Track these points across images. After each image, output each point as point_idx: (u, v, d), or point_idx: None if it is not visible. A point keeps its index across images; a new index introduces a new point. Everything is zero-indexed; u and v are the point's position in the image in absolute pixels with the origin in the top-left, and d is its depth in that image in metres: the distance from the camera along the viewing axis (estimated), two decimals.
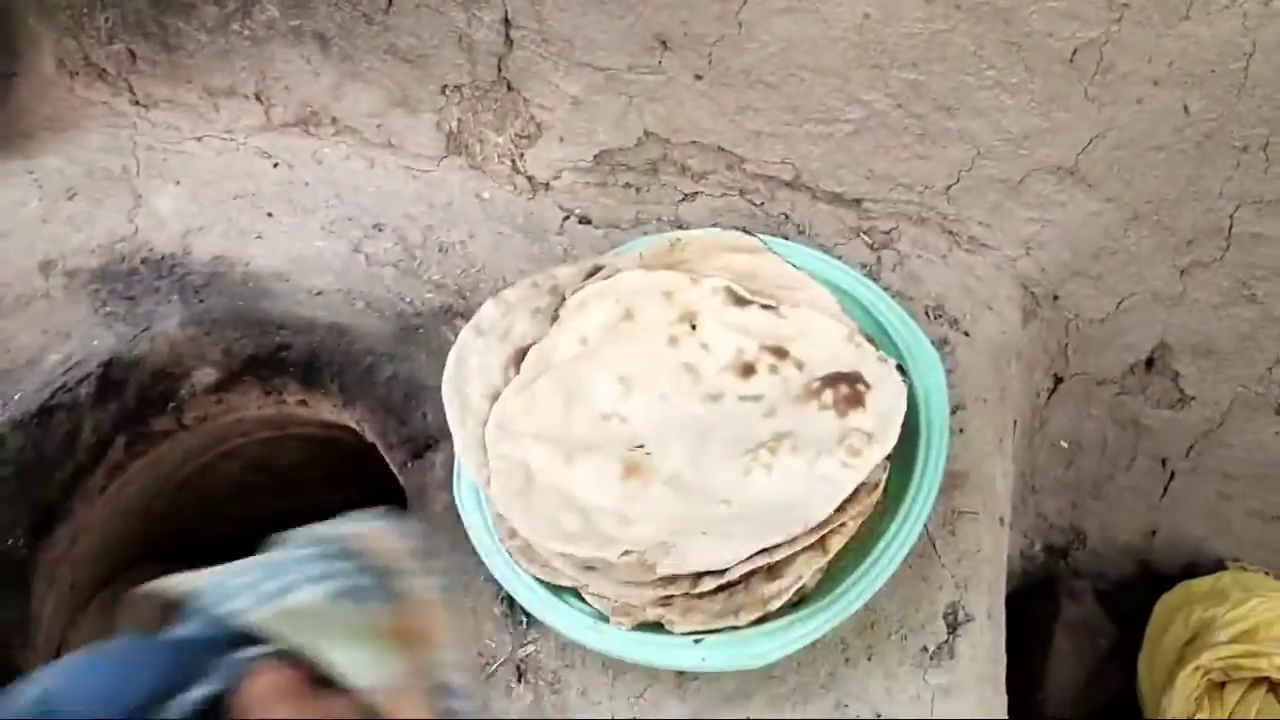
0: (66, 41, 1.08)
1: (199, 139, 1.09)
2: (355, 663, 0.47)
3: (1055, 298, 0.92)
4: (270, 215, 1.03)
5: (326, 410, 0.97)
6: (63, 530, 0.93)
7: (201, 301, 0.97)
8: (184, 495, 1.13)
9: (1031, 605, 1.15)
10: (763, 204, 0.94)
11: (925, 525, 0.73)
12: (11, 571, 0.87)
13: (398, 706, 0.49)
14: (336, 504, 1.24)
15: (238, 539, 1.23)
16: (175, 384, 0.97)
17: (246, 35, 0.99)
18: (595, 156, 0.96)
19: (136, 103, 1.10)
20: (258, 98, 1.05)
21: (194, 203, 1.05)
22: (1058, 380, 0.99)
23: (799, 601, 0.70)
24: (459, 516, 0.78)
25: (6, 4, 1.07)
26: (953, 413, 0.78)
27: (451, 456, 0.81)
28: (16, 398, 0.92)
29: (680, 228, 0.94)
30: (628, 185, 0.97)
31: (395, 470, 0.90)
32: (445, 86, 0.96)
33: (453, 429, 0.78)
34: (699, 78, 0.87)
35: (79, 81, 1.11)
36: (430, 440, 0.86)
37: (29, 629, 0.88)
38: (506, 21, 0.88)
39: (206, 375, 0.97)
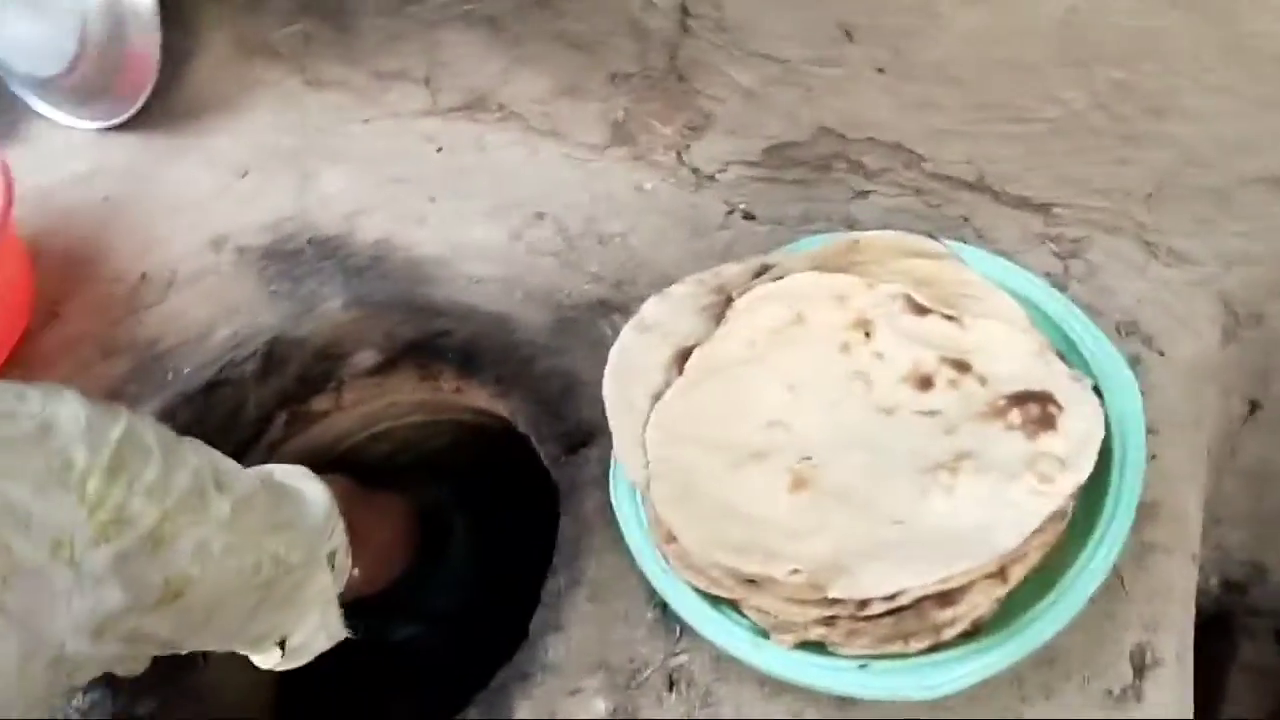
0: (244, 22, 1.11)
1: (366, 121, 1.10)
2: None
3: (1259, 318, 0.85)
4: (433, 200, 1.03)
5: (481, 399, 0.97)
6: None
7: (364, 283, 0.98)
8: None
9: (1205, 644, 1.07)
10: (940, 205, 0.89)
11: (1115, 560, 0.67)
12: None
13: None
14: (481, 491, 1.26)
15: None
16: (335, 364, 0.98)
17: (419, 19, 0.99)
18: (764, 150, 0.93)
19: (308, 84, 1.12)
20: (425, 81, 1.05)
21: (359, 184, 1.06)
22: (1254, 406, 0.92)
23: (973, 631, 0.66)
24: (613, 516, 0.76)
25: None
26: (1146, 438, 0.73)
27: (606, 454, 0.80)
28: (186, 371, 0.95)
29: (850, 227, 0.90)
30: (796, 181, 0.93)
31: (547, 464, 0.89)
32: (614, 75, 0.94)
33: (612, 428, 0.76)
34: (881, 71, 0.83)
35: (254, 62, 1.14)
36: (585, 436, 0.84)
37: None
38: (683, 9, 0.86)
39: (366, 358, 0.97)
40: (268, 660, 0.74)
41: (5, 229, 0.92)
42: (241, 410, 0.95)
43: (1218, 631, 1.08)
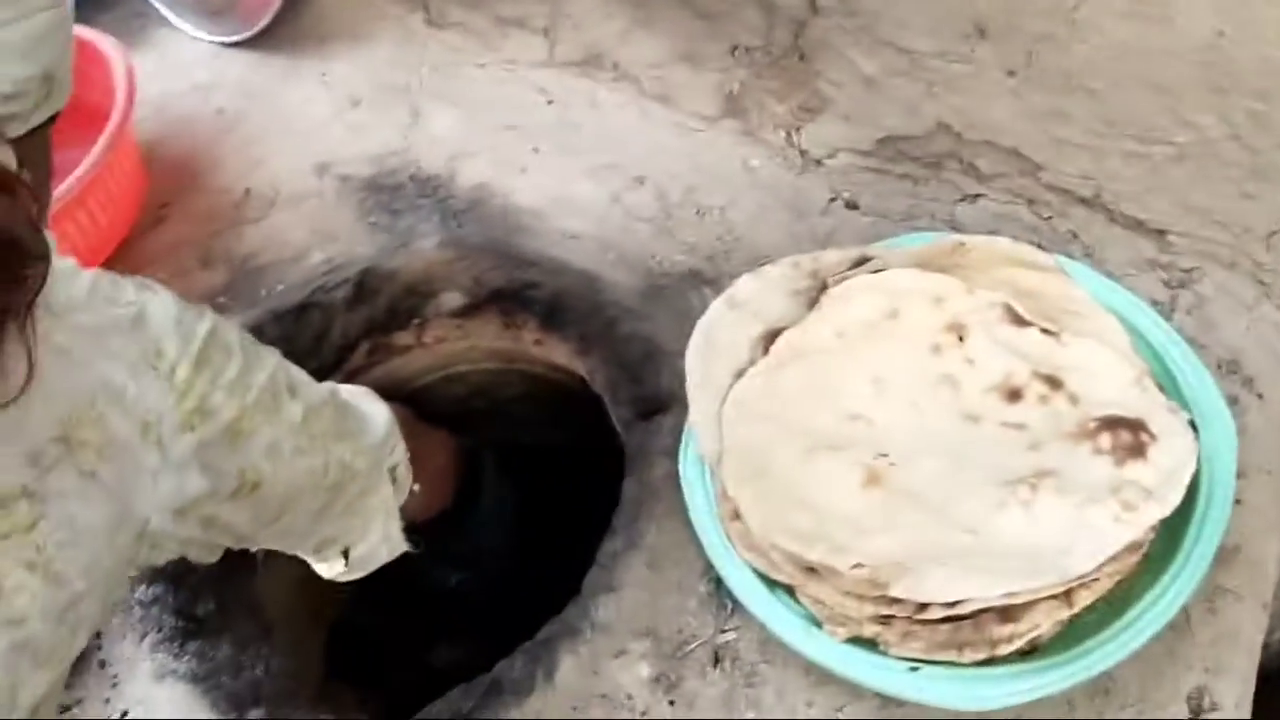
0: None
1: (481, 66, 1.11)
2: None
3: None
4: (536, 151, 1.03)
5: (560, 354, 0.97)
6: None
7: (460, 226, 0.99)
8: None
9: (1262, 697, 1.04)
10: (1050, 218, 0.87)
11: (1186, 601, 0.66)
12: None
13: None
14: (550, 443, 1.27)
15: None
16: (422, 301, 0.99)
17: None
18: (877, 141, 0.91)
19: (429, 22, 1.13)
20: (545, 32, 1.05)
21: (466, 128, 1.07)
22: None
23: (1029, 650, 0.65)
24: (679, 486, 0.77)
25: None
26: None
27: (679, 424, 0.80)
28: (279, 289, 0.97)
29: (955, 229, 0.89)
30: (905, 176, 0.92)
31: (619, 427, 0.89)
32: (735, 47, 0.94)
33: (690, 399, 0.76)
34: (1012, 74, 0.81)
35: None
36: (660, 404, 0.84)
37: None
38: None
39: (453, 299, 0.98)
40: (332, 569, 0.77)
41: (125, 128, 0.94)
42: (327, 335, 0.97)
43: (1277, 688, 1.05)
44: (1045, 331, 0.73)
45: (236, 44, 1.18)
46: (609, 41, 1.02)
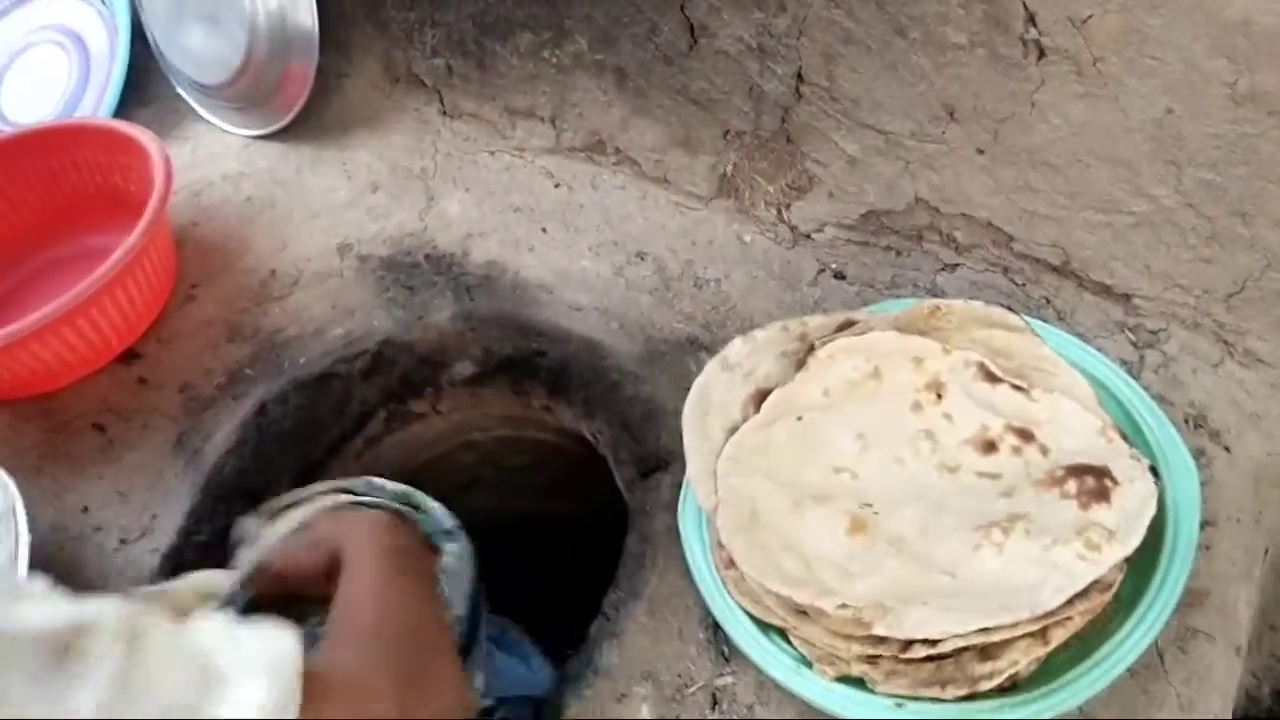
0: (395, 52, 1.20)
1: (492, 152, 1.18)
2: None
3: None
4: (544, 230, 1.10)
5: (567, 418, 1.02)
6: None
7: (472, 300, 1.05)
8: (422, 478, 1.21)
9: None
10: (1025, 284, 0.93)
11: (1155, 638, 0.69)
12: None
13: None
14: (550, 512, 1.31)
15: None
16: (436, 371, 1.05)
17: (554, 63, 1.07)
18: (861, 216, 0.97)
19: (444, 113, 1.21)
20: (552, 121, 1.12)
21: (478, 209, 1.14)
22: None
23: (1009, 687, 0.69)
24: (678, 539, 0.81)
25: (351, 15, 1.19)
26: (1201, 528, 0.75)
27: (679, 480, 0.84)
28: (301, 360, 1.03)
29: (936, 296, 0.94)
30: (889, 248, 0.98)
31: (621, 485, 0.94)
32: (728, 131, 1.00)
33: (688, 455, 0.81)
34: (981, 152, 0.87)
35: (398, 88, 1.23)
36: (661, 462, 0.89)
37: None
38: (799, 77, 0.92)
39: (465, 368, 1.04)
40: None
41: (161, 216, 1.01)
42: (347, 404, 1.02)
43: None
44: (1017, 388, 0.78)
45: (264, 136, 1.26)
46: (610, 129, 1.09)
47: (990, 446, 0.76)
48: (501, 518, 1.38)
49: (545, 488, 1.31)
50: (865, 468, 0.78)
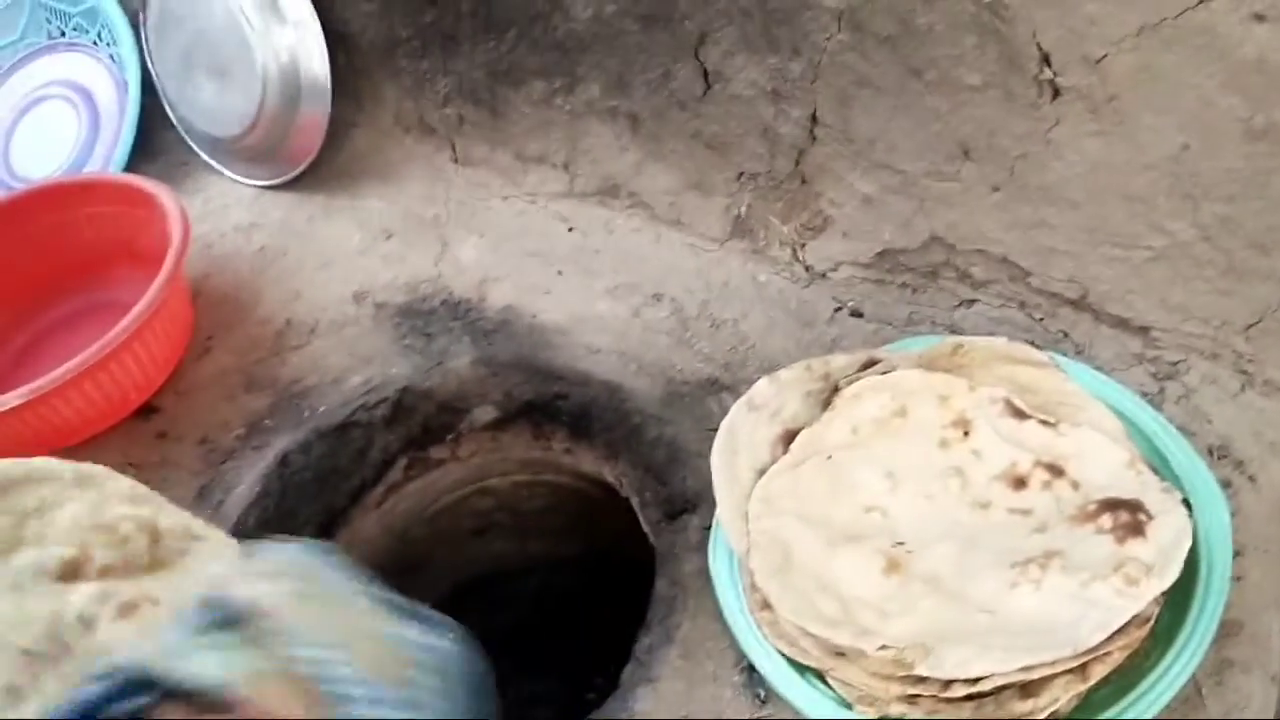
0: (406, 101, 1.21)
1: (505, 199, 1.19)
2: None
3: None
4: (560, 274, 1.11)
5: (588, 462, 1.02)
6: (342, 536, 1.02)
7: (490, 345, 1.05)
8: (438, 524, 1.21)
9: None
10: (1042, 319, 0.93)
11: (1194, 671, 0.70)
12: None
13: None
14: (565, 555, 1.30)
15: (468, 580, 1.31)
16: (457, 417, 1.05)
17: (566, 110, 1.08)
18: (877, 254, 0.98)
19: (456, 160, 1.22)
20: (565, 167, 1.14)
21: (493, 255, 1.14)
22: None
23: None
24: (708, 581, 0.81)
25: (362, 65, 1.20)
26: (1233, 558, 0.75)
27: (706, 523, 0.85)
28: (321, 410, 1.03)
29: (954, 332, 0.95)
30: (905, 285, 0.99)
31: (647, 528, 0.94)
32: (742, 174, 1.02)
33: (718, 497, 0.81)
34: (996, 189, 0.88)
35: (410, 137, 1.24)
36: (687, 504, 0.89)
37: None
38: (814, 119, 0.93)
39: (486, 413, 1.04)
40: None
41: (180, 267, 1.02)
42: (369, 451, 1.02)
43: None
44: (1044, 423, 0.78)
45: (276, 186, 1.27)
46: (624, 173, 1.10)
47: (1020, 482, 0.77)
48: (516, 561, 1.39)
49: (559, 530, 1.31)
50: (896, 506, 0.78)
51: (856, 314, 1.00)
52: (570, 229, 1.15)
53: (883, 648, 0.69)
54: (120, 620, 0.55)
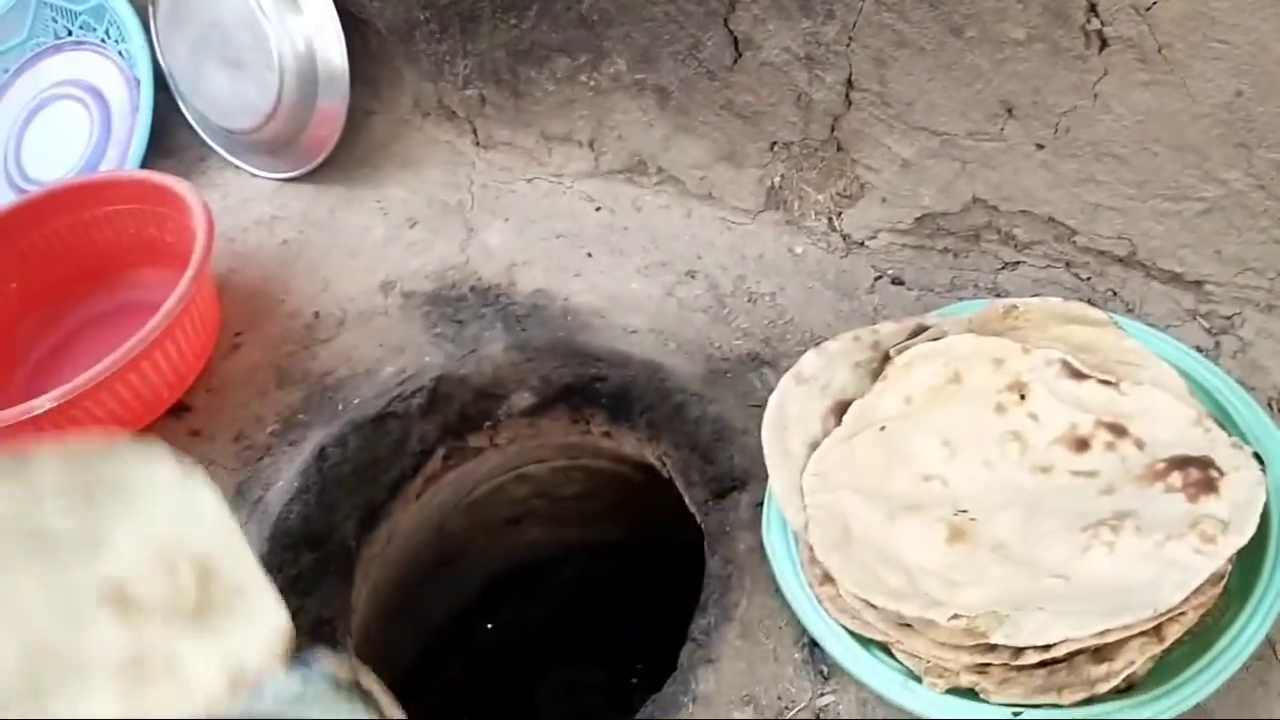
0: (425, 85, 1.19)
1: (529, 180, 1.17)
2: None
3: None
4: (590, 255, 1.09)
5: (629, 444, 1.01)
6: (383, 529, 1.01)
7: (523, 330, 1.03)
8: (474, 513, 1.20)
9: None
10: (1089, 279, 0.91)
11: (1270, 628, 0.68)
12: (343, 560, 0.94)
13: None
14: (602, 541, 1.29)
15: (504, 570, 1.30)
16: (494, 404, 1.03)
17: (591, 86, 1.06)
18: (917, 219, 0.96)
19: (478, 144, 1.20)
20: (590, 145, 1.12)
21: (520, 239, 1.13)
22: None
23: (1125, 689, 0.67)
24: (764, 557, 0.79)
25: (380, 50, 1.19)
26: None
27: (757, 499, 0.83)
28: (355, 402, 1.01)
29: (998, 295, 0.93)
30: (946, 250, 0.97)
31: (694, 508, 0.92)
32: (775, 143, 0.99)
33: (771, 473, 0.79)
34: (1040, 147, 0.86)
35: (429, 122, 1.22)
36: (736, 482, 0.87)
37: (349, 618, 0.94)
38: (849, 83, 0.91)
39: (523, 399, 1.03)
40: None
41: (206, 264, 1.00)
42: (405, 442, 1.01)
43: None
44: (1104, 382, 0.76)
45: (295, 178, 1.25)
46: (651, 148, 1.08)
47: (1082, 444, 0.75)
48: (550, 547, 1.38)
49: (596, 516, 1.30)
50: (955, 474, 0.76)
51: (897, 282, 0.98)
52: (598, 208, 1.13)
53: (954, 617, 0.67)
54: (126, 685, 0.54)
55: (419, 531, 1.11)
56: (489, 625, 1.40)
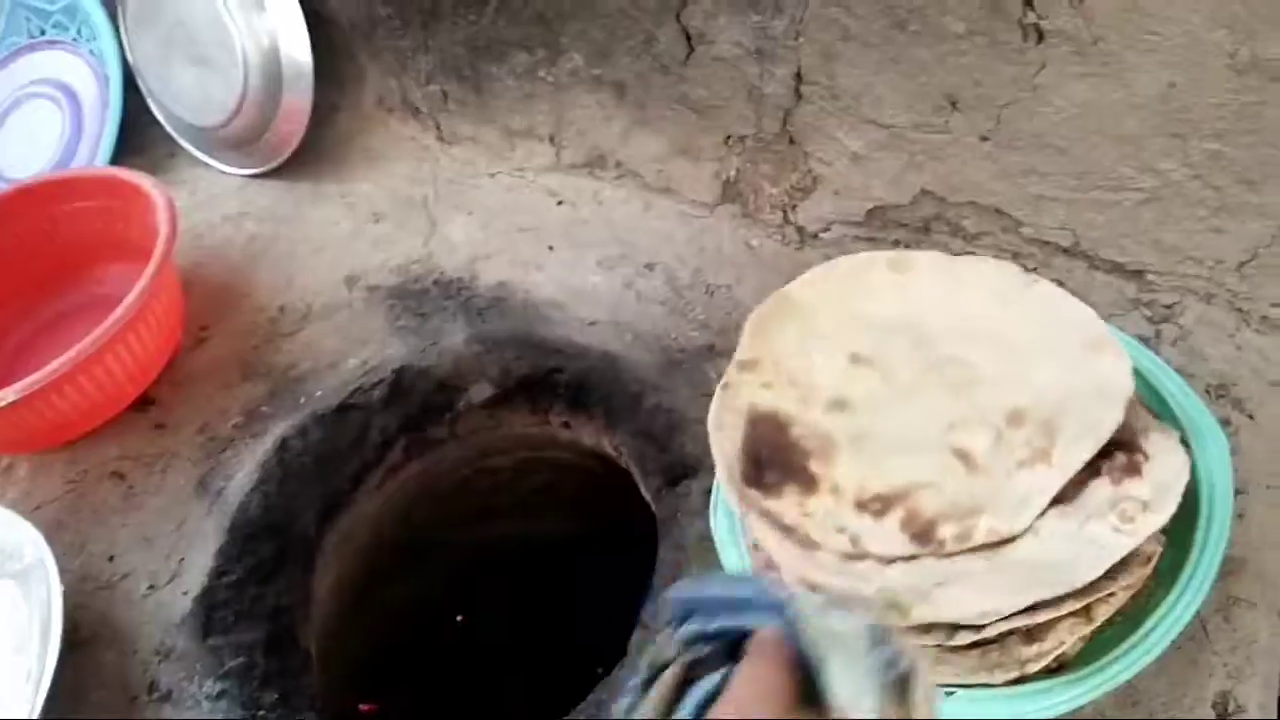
0: (388, 81, 1.21)
1: (492, 175, 1.19)
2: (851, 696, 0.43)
3: None
4: (551, 249, 1.10)
5: (587, 434, 1.02)
6: (344, 519, 1.02)
7: (484, 322, 1.05)
8: (438, 508, 1.21)
9: None
10: (1036, 269, 0.93)
11: (1199, 608, 0.69)
12: (303, 550, 0.96)
13: None
14: (562, 535, 1.30)
15: (468, 563, 1.31)
16: (454, 396, 1.05)
17: (550, 82, 1.07)
18: (868, 211, 0.98)
19: (441, 139, 1.21)
20: (551, 140, 1.13)
21: (483, 232, 1.14)
22: None
23: (1057, 669, 0.69)
24: (711, 545, 0.81)
25: (343, 46, 1.20)
26: (1234, 496, 0.75)
27: (707, 486, 0.84)
28: (318, 394, 1.03)
29: None
30: (897, 242, 0.98)
31: (648, 495, 0.93)
32: (729, 137, 1.01)
33: (716, 460, 0.80)
34: (985, 139, 0.88)
35: (393, 117, 1.24)
36: (687, 469, 0.89)
37: (309, 608, 0.96)
38: (798, 77, 0.92)
39: (483, 390, 1.04)
40: None
41: (168, 260, 1.01)
42: (367, 434, 1.02)
43: None
44: None
45: (262, 174, 1.26)
46: (611, 142, 1.10)
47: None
48: (518, 541, 1.38)
49: (556, 510, 1.31)
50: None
51: None
52: (559, 202, 1.14)
53: (880, 590, 0.68)
54: None
55: (385, 523, 1.12)
56: (457, 618, 1.41)
